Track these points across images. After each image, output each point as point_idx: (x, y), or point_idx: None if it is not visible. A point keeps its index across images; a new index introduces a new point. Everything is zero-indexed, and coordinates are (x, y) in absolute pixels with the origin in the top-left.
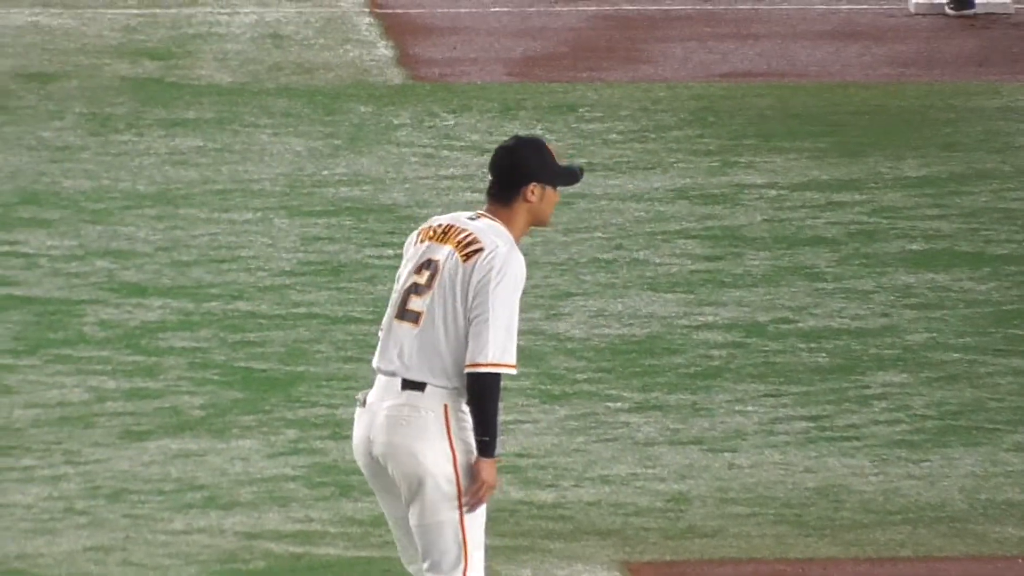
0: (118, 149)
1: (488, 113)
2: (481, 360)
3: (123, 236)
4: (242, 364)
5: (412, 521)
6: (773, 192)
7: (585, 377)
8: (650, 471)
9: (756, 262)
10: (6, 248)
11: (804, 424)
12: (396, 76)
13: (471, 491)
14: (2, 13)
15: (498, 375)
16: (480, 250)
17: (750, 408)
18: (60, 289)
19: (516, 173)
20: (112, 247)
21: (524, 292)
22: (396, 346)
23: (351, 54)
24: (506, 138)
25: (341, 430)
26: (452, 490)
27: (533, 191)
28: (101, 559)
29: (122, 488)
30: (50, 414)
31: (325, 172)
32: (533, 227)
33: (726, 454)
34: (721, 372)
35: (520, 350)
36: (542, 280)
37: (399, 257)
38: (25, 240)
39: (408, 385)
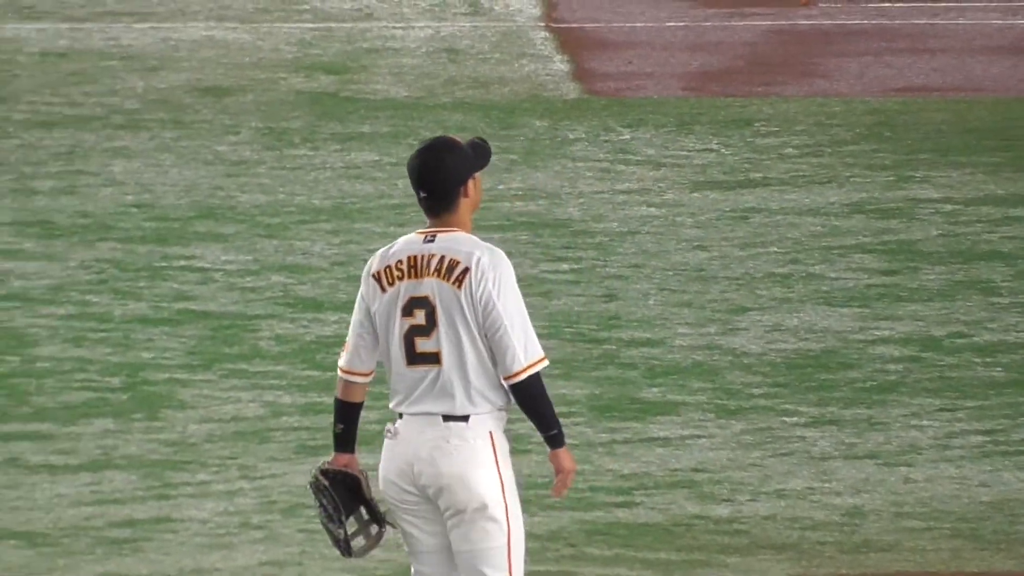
0: (294, 163)
1: (663, 128)
2: (516, 369)
3: (298, 251)
4: None
5: (459, 547)
6: (949, 207)
7: (761, 392)
8: (826, 485)
9: (932, 276)
10: (182, 262)
11: (979, 438)
12: (571, 91)
13: (559, 481)
14: (178, 27)
15: (537, 374)
16: (466, 269)
17: (925, 422)
18: (235, 304)
19: (450, 180)
20: (287, 261)
21: (705, 305)
22: (423, 390)
23: (526, 68)
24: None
25: (518, 445)
26: (502, 516)
27: (470, 186)
28: (276, 574)
29: (297, 503)
30: (225, 429)
31: (500, 187)
32: (473, 212)
33: (901, 468)
34: (896, 386)
35: (696, 365)
36: (719, 295)
37: (575, 271)
38: (201, 254)
39: (450, 419)
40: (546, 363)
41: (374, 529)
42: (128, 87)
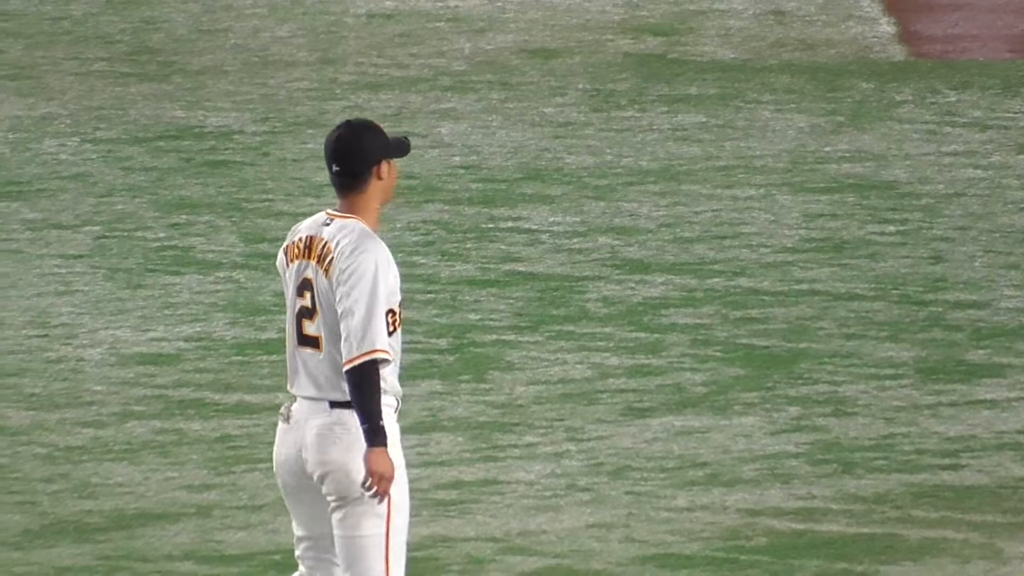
0: (621, 125)
1: (990, 90)
2: (348, 355)
3: (626, 212)
4: (744, 341)
5: (338, 533)
6: None
7: None
8: None
9: None
10: (509, 224)
11: None
12: (898, 53)
13: (370, 484)
14: None
15: (370, 363)
16: (330, 253)
17: None
18: (562, 265)
19: (365, 157)
20: (615, 223)
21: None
22: (308, 372)
23: (853, 31)
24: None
25: (844, 407)
26: (383, 506)
27: (384, 169)
28: (603, 536)
29: (624, 465)
30: (552, 391)
31: (827, 148)
32: (384, 204)
33: None
34: None
35: (1023, 327)
36: None
37: (901, 233)
38: (528, 216)
39: (337, 404)
40: (383, 357)
41: None
42: (455, 49)
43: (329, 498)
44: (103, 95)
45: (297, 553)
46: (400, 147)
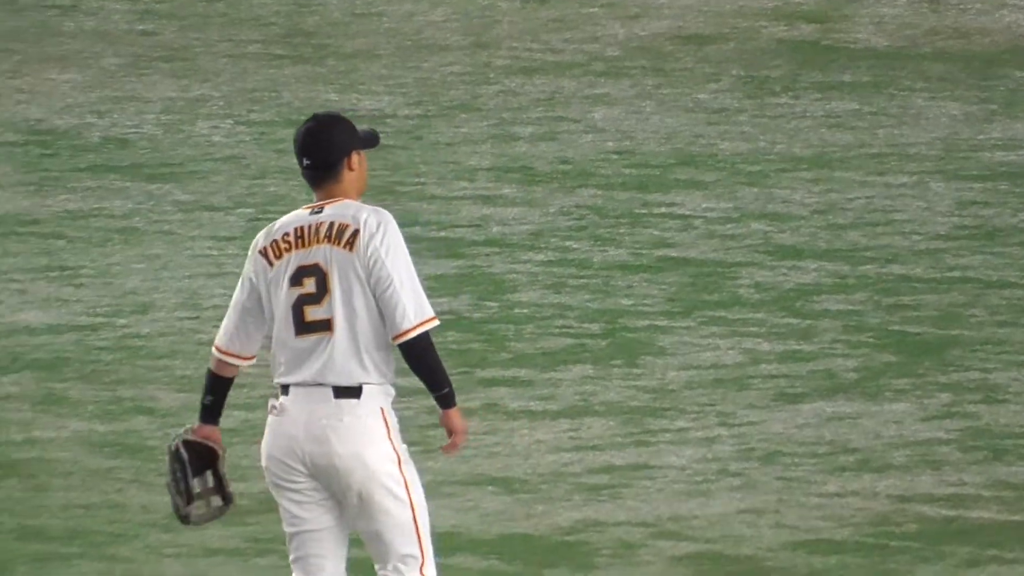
0: (774, 112)
1: None
2: (406, 327)
3: (779, 199)
4: (896, 327)
5: (366, 527)
6: None
7: None
8: None
9: None
10: (663, 209)
11: None
12: None
13: (452, 442)
14: None
15: (426, 333)
16: (356, 231)
17: None
18: (715, 251)
19: (335, 149)
20: (768, 210)
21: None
22: (313, 359)
23: (1007, 19)
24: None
25: (995, 394)
26: (402, 491)
27: (355, 160)
28: (753, 521)
29: (775, 450)
30: (704, 376)
31: (980, 136)
32: (360, 195)
33: None
34: None
35: None
36: None
37: None
38: (681, 202)
39: (342, 393)
40: (436, 323)
41: (216, 500)
42: (609, 34)
43: (343, 493)
44: (256, 77)
45: (291, 557)
46: (368, 139)
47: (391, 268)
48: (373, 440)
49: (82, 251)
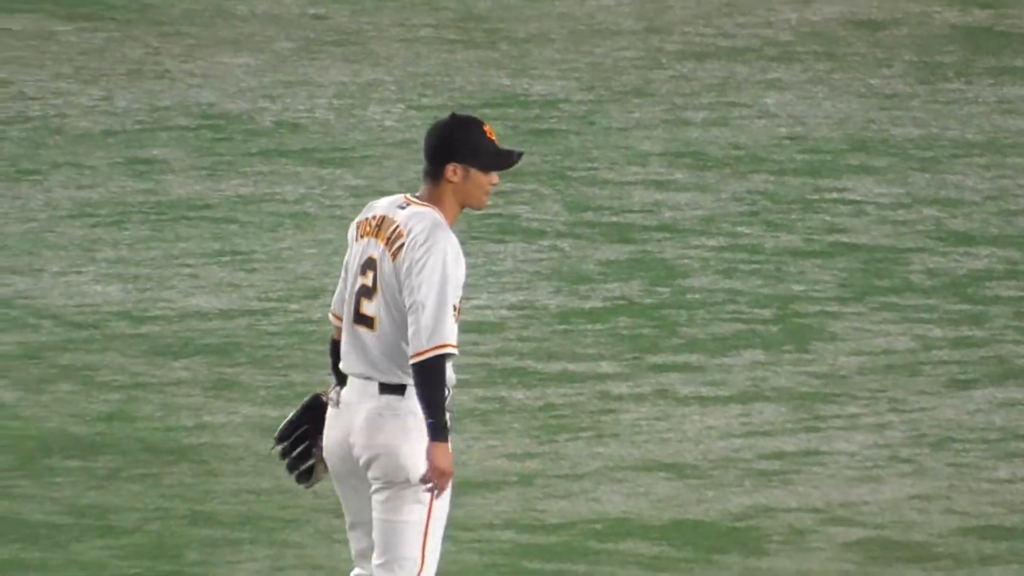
0: (946, 97)
1: None
2: (417, 348)
3: (951, 184)
4: None
5: (378, 515)
6: None
7: None
8: None
9: None
10: (834, 195)
11: None
12: None
13: (428, 480)
14: None
15: (439, 358)
16: (403, 244)
17: None
18: (887, 237)
19: (438, 152)
20: (940, 195)
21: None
22: (361, 351)
23: None
24: None
25: None
26: (426, 496)
27: (454, 171)
28: (924, 507)
29: (946, 436)
30: (875, 362)
31: None
32: (468, 209)
33: None
34: None
35: None
36: None
37: None
38: (853, 187)
39: (386, 389)
40: (452, 352)
41: (322, 468)
42: (782, 19)
43: (375, 482)
44: (429, 62)
45: (353, 548)
46: (492, 158)
47: (417, 288)
48: (410, 439)
49: (254, 236)
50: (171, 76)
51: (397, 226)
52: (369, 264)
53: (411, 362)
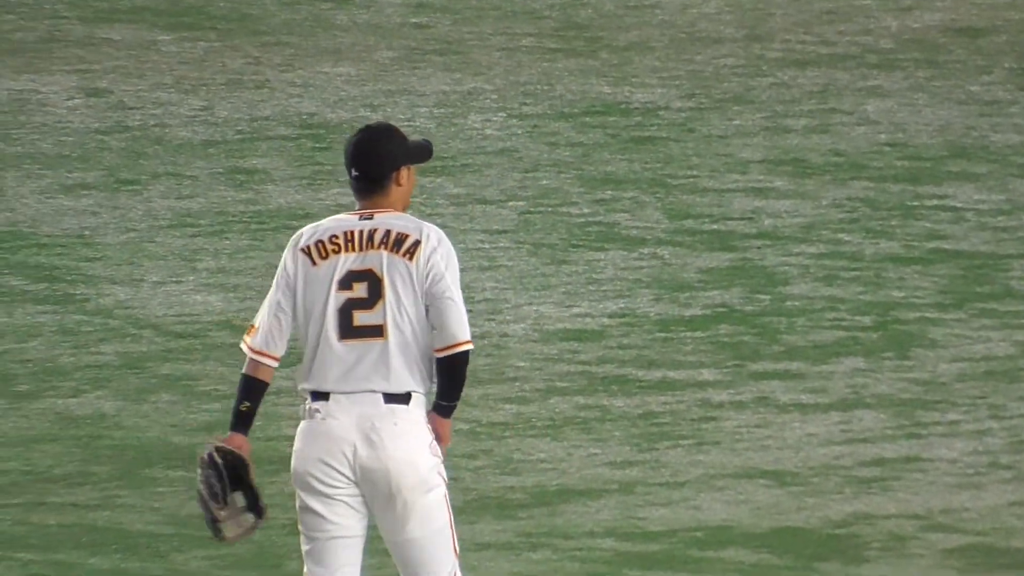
0: None
1: None
2: (459, 339)
3: None
4: None
5: (408, 535)
6: None
7: None
8: None
9: None
10: (935, 201)
11: None
12: None
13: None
14: None
15: (469, 352)
16: (417, 242)
17: None
18: (987, 243)
19: (386, 162)
20: None
21: None
22: (359, 365)
23: None
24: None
25: None
26: (444, 503)
27: (407, 175)
28: None
29: None
30: (975, 368)
31: None
32: (406, 209)
33: None
34: None
35: None
36: None
37: None
38: (953, 194)
39: (391, 399)
40: (472, 347)
41: (250, 518)
42: (882, 26)
43: (388, 499)
44: (530, 70)
45: (310, 566)
46: (421, 152)
47: (450, 282)
48: (422, 448)
49: None
50: (271, 86)
51: (389, 231)
52: (357, 276)
53: (446, 353)
